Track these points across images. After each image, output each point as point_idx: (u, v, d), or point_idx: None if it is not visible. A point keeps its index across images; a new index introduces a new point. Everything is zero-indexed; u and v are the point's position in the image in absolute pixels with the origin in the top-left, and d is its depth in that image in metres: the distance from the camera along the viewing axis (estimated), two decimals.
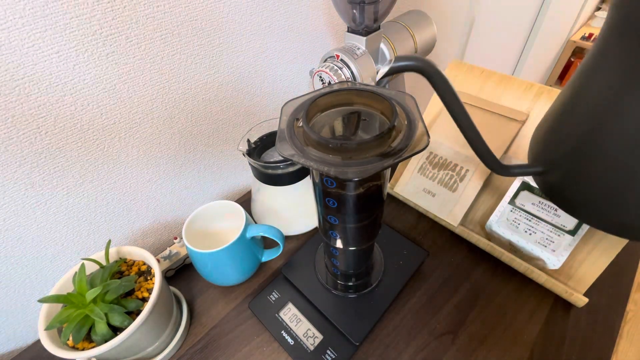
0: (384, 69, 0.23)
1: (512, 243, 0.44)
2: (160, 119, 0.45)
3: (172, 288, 0.44)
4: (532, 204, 0.42)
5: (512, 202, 0.43)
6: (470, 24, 1.03)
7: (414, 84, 0.96)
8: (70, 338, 0.32)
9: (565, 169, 0.29)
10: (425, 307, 0.43)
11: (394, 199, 0.56)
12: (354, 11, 0.43)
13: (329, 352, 0.38)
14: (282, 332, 0.40)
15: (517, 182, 0.43)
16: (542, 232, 0.41)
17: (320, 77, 0.47)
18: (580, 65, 0.27)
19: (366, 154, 0.23)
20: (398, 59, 0.22)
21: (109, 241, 0.38)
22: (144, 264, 0.39)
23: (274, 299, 0.43)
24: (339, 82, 0.42)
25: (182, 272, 0.49)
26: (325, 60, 0.48)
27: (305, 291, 0.43)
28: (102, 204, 0.45)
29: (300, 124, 0.25)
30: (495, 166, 0.32)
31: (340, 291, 0.42)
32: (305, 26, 0.56)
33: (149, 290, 0.36)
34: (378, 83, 0.36)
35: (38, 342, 0.43)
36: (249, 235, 0.42)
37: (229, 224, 0.46)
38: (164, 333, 0.38)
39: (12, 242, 0.39)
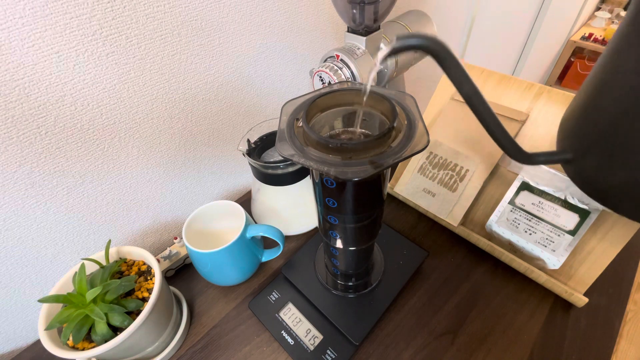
0: (384, 51, 0.21)
1: (512, 243, 0.44)
2: (160, 119, 0.45)
3: (172, 288, 0.44)
4: (532, 204, 0.42)
5: (512, 202, 0.43)
6: (470, 24, 1.03)
7: (414, 84, 0.96)
8: (70, 338, 0.32)
9: (596, 154, 0.27)
10: (425, 307, 0.43)
11: (394, 199, 0.56)
12: (354, 11, 0.43)
13: (329, 352, 0.38)
14: (282, 332, 0.40)
15: (517, 182, 0.43)
16: (542, 232, 0.41)
17: (320, 77, 0.47)
18: (610, 44, 0.25)
19: (366, 154, 0.23)
20: (401, 37, 0.20)
21: (109, 241, 0.38)
22: (144, 264, 0.39)
23: (274, 299, 0.43)
24: (339, 82, 0.42)
25: (182, 272, 0.49)
26: (325, 60, 0.48)
27: (305, 291, 0.43)
28: (102, 204, 0.45)
29: (300, 124, 0.26)
30: (518, 155, 0.30)
31: (341, 291, 0.42)
32: (305, 26, 0.56)
33: (149, 290, 0.36)
34: (380, 75, 0.35)
35: (38, 342, 0.43)
36: (249, 235, 0.42)
37: (229, 224, 0.46)
38: (164, 333, 0.38)
39: (12, 242, 0.39)
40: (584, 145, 0.28)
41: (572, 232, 0.39)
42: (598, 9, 2.47)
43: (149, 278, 0.38)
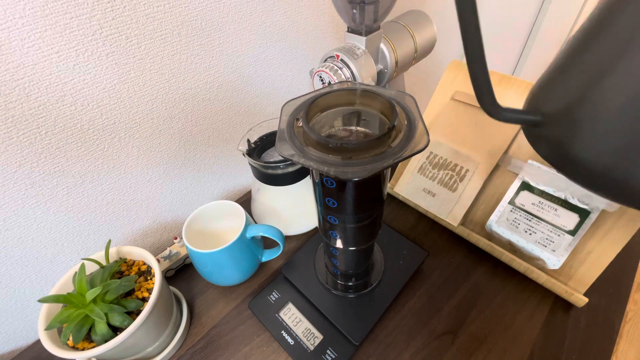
0: None
1: (512, 243, 0.44)
2: (160, 119, 0.45)
3: (172, 288, 0.44)
4: (532, 204, 0.42)
5: (512, 202, 0.43)
6: None
7: (414, 84, 0.96)
8: (70, 338, 0.32)
9: (569, 118, 0.24)
10: (425, 307, 0.43)
11: (394, 199, 0.55)
12: (354, 11, 0.43)
13: (329, 352, 0.38)
14: (282, 332, 0.40)
15: (517, 182, 0.43)
16: (542, 232, 0.41)
17: (320, 77, 0.47)
18: (597, 5, 0.23)
19: (366, 154, 0.23)
20: None
21: (109, 241, 0.38)
22: (144, 264, 0.39)
23: (274, 299, 0.43)
24: (339, 82, 0.42)
25: (182, 272, 0.49)
26: (325, 60, 0.48)
27: (305, 291, 0.43)
28: (102, 204, 0.45)
29: (300, 124, 0.25)
30: (488, 103, 0.27)
31: (341, 291, 0.42)
32: (305, 26, 0.56)
33: (149, 290, 0.36)
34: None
35: (38, 342, 0.43)
36: (249, 235, 0.42)
37: (229, 224, 0.46)
38: (164, 333, 0.38)
39: (12, 242, 0.39)
40: (556, 107, 0.26)
41: (572, 232, 0.39)
42: None
43: (149, 278, 0.38)
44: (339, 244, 0.35)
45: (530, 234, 0.42)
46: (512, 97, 0.45)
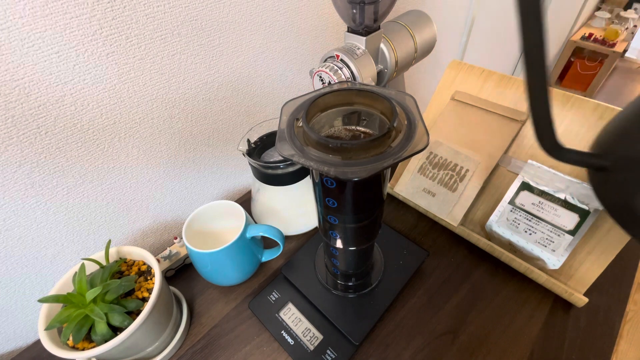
0: None
1: (512, 243, 0.44)
2: (160, 119, 0.45)
3: (172, 288, 0.44)
4: (532, 204, 0.42)
5: (512, 202, 0.43)
6: (470, 24, 1.03)
7: (414, 84, 0.96)
8: (70, 338, 0.32)
9: None
10: (425, 306, 0.43)
11: (394, 199, 0.55)
12: (354, 11, 0.43)
13: (329, 352, 0.38)
14: (282, 332, 0.40)
15: (517, 182, 0.43)
16: (542, 232, 0.41)
17: (320, 77, 0.47)
18: None
19: (366, 154, 0.23)
20: None
21: (109, 241, 0.38)
22: (144, 264, 0.39)
23: (274, 299, 0.43)
24: (339, 82, 0.42)
25: (182, 272, 0.49)
26: (325, 60, 0.48)
27: (305, 291, 0.43)
28: (102, 204, 0.45)
29: (300, 124, 0.26)
30: (548, 143, 0.25)
31: (340, 291, 0.42)
32: (305, 26, 0.56)
33: (149, 290, 0.36)
34: None
35: (38, 342, 0.43)
36: (249, 235, 0.42)
37: (229, 224, 0.46)
38: (164, 333, 0.38)
39: (12, 242, 0.39)
40: (631, 155, 0.24)
41: (572, 232, 0.39)
42: (598, 9, 2.47)
43: (149, 278, 0.38)
44: (339, 244, 0.35)
45: (530, 234, 0.42)
46: (512, 97, 0.45)
